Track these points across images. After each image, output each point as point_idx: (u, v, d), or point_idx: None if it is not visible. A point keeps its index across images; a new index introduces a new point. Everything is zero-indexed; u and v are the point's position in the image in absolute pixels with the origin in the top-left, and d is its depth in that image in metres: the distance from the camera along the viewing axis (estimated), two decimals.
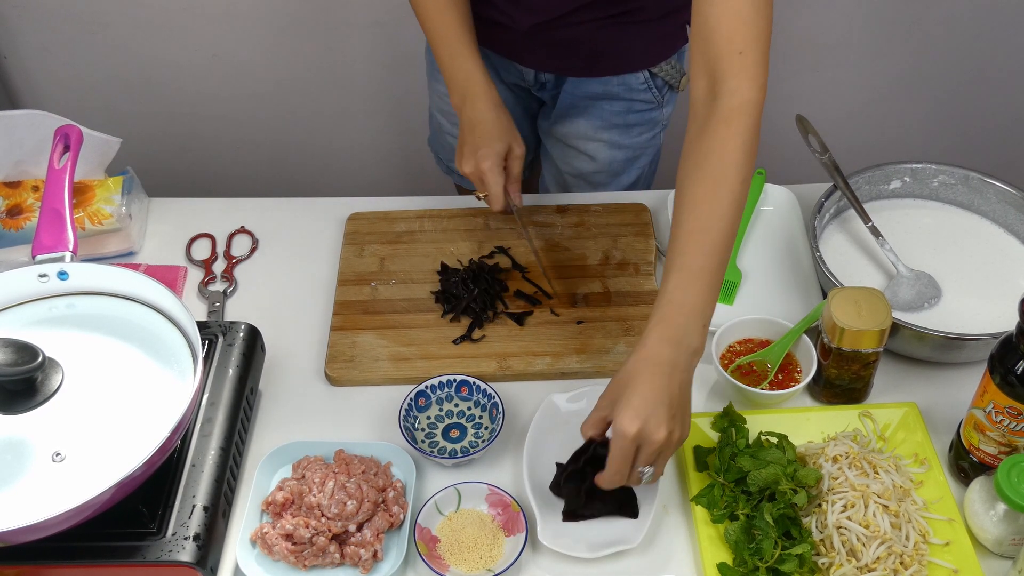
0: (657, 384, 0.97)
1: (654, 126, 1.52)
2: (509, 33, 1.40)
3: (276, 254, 1.42)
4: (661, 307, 1.00)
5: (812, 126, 1.38)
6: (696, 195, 1.02)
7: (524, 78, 1.50)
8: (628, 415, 0.96)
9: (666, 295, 1.00)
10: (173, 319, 1.08)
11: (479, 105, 1.28)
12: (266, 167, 2.35)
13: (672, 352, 0.98)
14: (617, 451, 0.98)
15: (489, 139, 1.27)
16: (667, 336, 0.99)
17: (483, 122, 1.28)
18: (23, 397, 0.99)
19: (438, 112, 1.62)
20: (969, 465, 1.10)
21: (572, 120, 1.51)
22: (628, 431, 0.96)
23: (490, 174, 1.26)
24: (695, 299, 1.00)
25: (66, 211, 1.12)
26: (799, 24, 2.10)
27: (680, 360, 0.98)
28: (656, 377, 0.97)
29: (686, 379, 1.00)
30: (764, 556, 1.00)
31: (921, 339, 1.18)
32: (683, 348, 0.99)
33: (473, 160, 1.27)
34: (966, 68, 2.18)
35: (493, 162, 1.26)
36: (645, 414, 0.96)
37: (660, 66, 1.44)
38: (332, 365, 1.24)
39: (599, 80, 1.45)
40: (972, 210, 1.37)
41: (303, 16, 2.06)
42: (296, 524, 1.04)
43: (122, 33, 2.08)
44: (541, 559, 1.06)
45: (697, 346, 1.00)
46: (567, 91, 1.48)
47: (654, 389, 0.97)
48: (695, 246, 1.01)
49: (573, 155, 1.55)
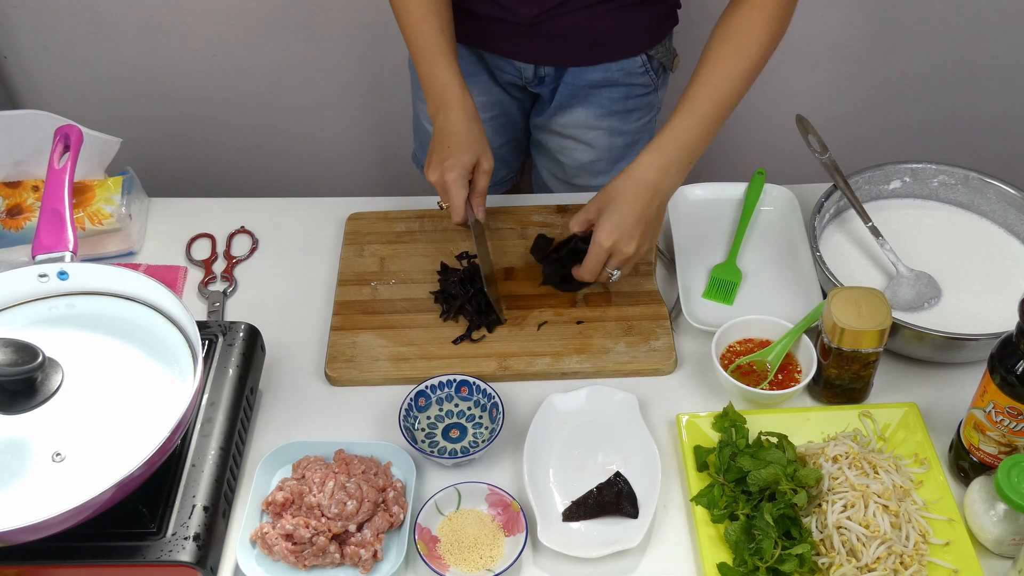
0: (638, 204, 1.16)
1: (651, 110, 1.54)
2: (510, 27, 1.40)
3: (276, 254, 1.42)
4: (661, 138, 1.17)
5: (812, 126, 1.38)
6: (718, 56, 1.18)
7: (522, 75, 1.50)
8: (607, 229, 1.17)
9: (668, 129, 1.17)
10: (173, 319, 1.08)
11: (452, 115, 1.28)
12: (266, 167, 2.35)
13: (658, 177, 1.16)
14: (593, 255, 1.19)
15: (458, 150, 1.26)
16: (658, 163, 1.16)
17: (454, 133, 1.27)
18: (23, 397, 0.99)
19: (427, 122, 1.61)
20: (969, 465, 1.10)
21: (572, 110, 1.51)
22: (604, 243, 1.17)
23: (453, 185, 1.25)
24: (692, 138, 1.17)
25: (66, 211, 1.12)
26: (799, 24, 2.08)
27: (663, 185, 1.17)
28: (639, 197, 1.16)
29: (664, 203, 1.19)
30: (764, 556, 1.00)
31: (921, 339, 1.18)
32: (669, 176, 1.17)
33: (439, 170, 1.26)
34: (966, 68, 2.18)
35: (458, 174, 1.25)
36: (621, 231, 1.16)
37: (656, 48, 1.46)
38: (332, 365, 1.24)
39: (599, 68, 1.46)
40: (972, 210, 1.37)
41: (303, 16, 2.06)
42: (296, 524, 1.04)
43: (122, 33, 2.08)
44: (541, 559, 1.06)
45: (680, 179, 1.19)
46: (567, 82, 1.49)
47: (634, 209, 1.16)
48: (706, 96, 1.17)
49: (572, 146, 1.56)
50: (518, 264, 1.36)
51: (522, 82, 1.52)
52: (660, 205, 1.18)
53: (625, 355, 1.24)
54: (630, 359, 1.24)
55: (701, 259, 1.36)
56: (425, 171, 1.29)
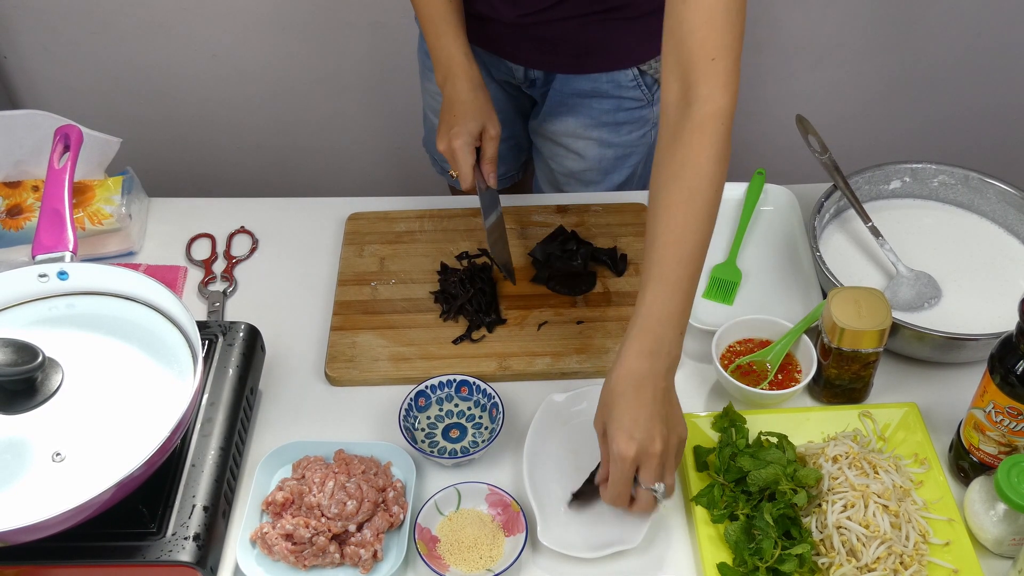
0: (641, 400, 0.98)
1: (644, 124, 1.51)
2: (495, 26, 1.40)
3: (276, 254, 1.42)
4: (639, 319, 1.01)
5: (812, 126, 1.38)
6: (671, 206, 1.02)
7: (514, 75, 1.50)
8: (623, 438, 0.98)
9: (644, 307, 1.01)
10: (173, 319, 1.08)
11: (458, 84, 1.30)
12: (266, 167, 2.35)
13: (651, 364, 0.99)
14: (617, 473, 1.00)
15: (464, 118, 1.29)
16: (645, 349, 1.00)
17: (460, 101, 1.30)
18: (23, 397, 0.99)
19: (432, 112, 1.62)
20: (969, 465, 1.10)
21: (561, 118, 1.51)
22: (627, 454, 0.98)
23: (460, 152, 1.27)
24: (672, 310, 1.01)
25: (66, 211, 1.12)
26: (799, 24, 2.10)
27: (659, 370, 1.00)
28: (640, 393, 0.99)
29: (668, 387, 1.01)
30: (764, 556, 1.00)
31: (921, 339, 1.18)
32: (661, 359, 1.00)
33: (447, 138, 1.29)
34: (966, 68, 2.18)
35: (464, 140, 1.27)
36: (639, 433, 0.98)
37: (649, 63, 1.44)
38: (332, 365, 1.24)
39: (588, 77, 1.45)
40: (972, 210, 1.37)
41: (303, 16, 2.06)
42: (296, 524, 1.04)
43: (122, 33, 2.08)
44: (541, 559, 1.06)
45: (675, 356, 1.01)
46: (556, 88, 1.49)
47: (640, 405, 0.98)
48: (671, 257, 1.01)
49: (563, 153, 1.56)
50: (518, 264, 1.36)
51: (515, 82, 1.52)
52: (666, 391, 1.01)
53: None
54: None
55: None
56: (436, 143, 1.32)
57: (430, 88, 1.58)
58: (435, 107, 1.59)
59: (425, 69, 1.58)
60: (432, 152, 1.71)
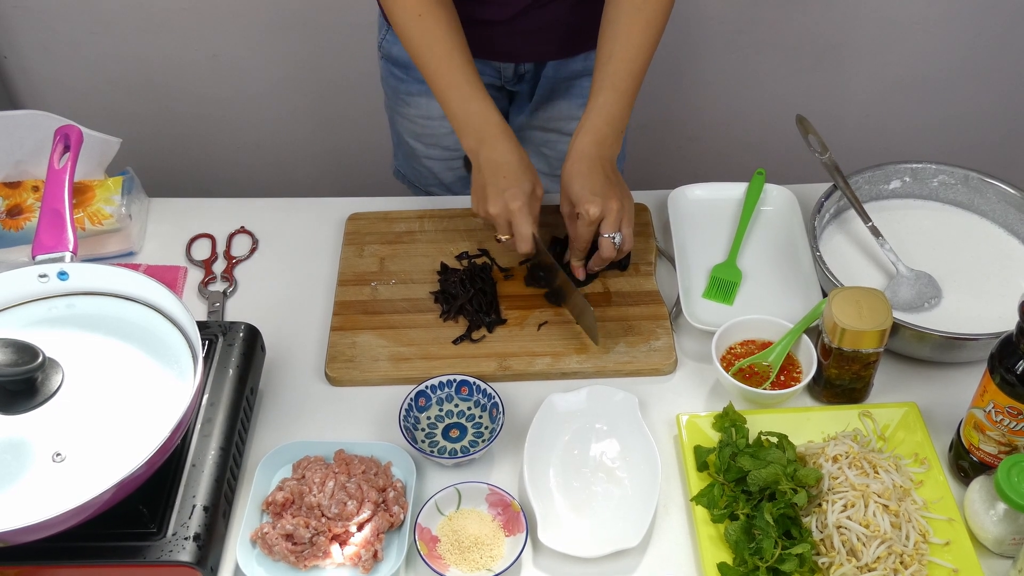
0: (595, 175, 1.23)
1: None
2: (488, 28, 1.39)
3: (276, 254, 1.42)
4: (591, 118, 1.24)
5: (812, 126, 1.38)
6: (632, 32, 1.25)
7: (501, 75, 1.50)
8: (587, 198, 1.21)
9: (595, 109, 1.25)
10: (173, 319, 1.08)
11: (500, 147, 1.26)
12: (266, 167, 2.35)
13: (599, 151, 1.24)
14: (583, 228, 1.24)
15: (517, 180, 1.24)
16: (596, 141, 1.24)
17: (507, 163, 1.25)
18: (23, 397, 0.99)
19: (412, 138, 1.60)
20: (969, 465, 1.10)
21: (553, 104, 1.51)
22: (592, 209, 1.21)
23: (520, 214, 1.23)
24: (617, 112, 1.25)
25: (66, 211, 1.12)
26: (799, 24, 2.10)
27: (605, 155, 1.24)
28: (594, 170, 1.23)
29: (615, 168, 1.26)
30: (764, 556, 1.00)
31: (921, 339, 1.18)
32: (607, 148, 1.25)
33: (501, 201, 1.24)
34: (966, 68, 2.19)
35: (523, 202, 1.23)
36: (599, 195, 1.21)
37: None
38: (332, 365, 1.24)
39: (579, 57, 1.46)
40: (972, 210, 1.37)
41: (302, 16, 2.06)
42: (296, 524, 1.04)
43: (122, 33, 2.08)
44: (541, 559, 1.06)
45: (616, 149, 1.26)
46: (547, 76, 1.49)
47: (596, 177, 1.23)
48: (625, 71, 1.24)
49: (555, 139, 1.56)
50: (518, 264, 1.36)
51: (500, 82, 1.52)
52: (614, 170, 1.26)
53: (625, 355, 1.24)
54: (630, 359, 1.24)
55: (701, 259, 1.36)
56: (477, 206, 1.27)
57: (408, 113, 1.56)
58: (416, 132, 1.58)
59: (397, 97, 1.56)
60: (413, 179, 1.68)
